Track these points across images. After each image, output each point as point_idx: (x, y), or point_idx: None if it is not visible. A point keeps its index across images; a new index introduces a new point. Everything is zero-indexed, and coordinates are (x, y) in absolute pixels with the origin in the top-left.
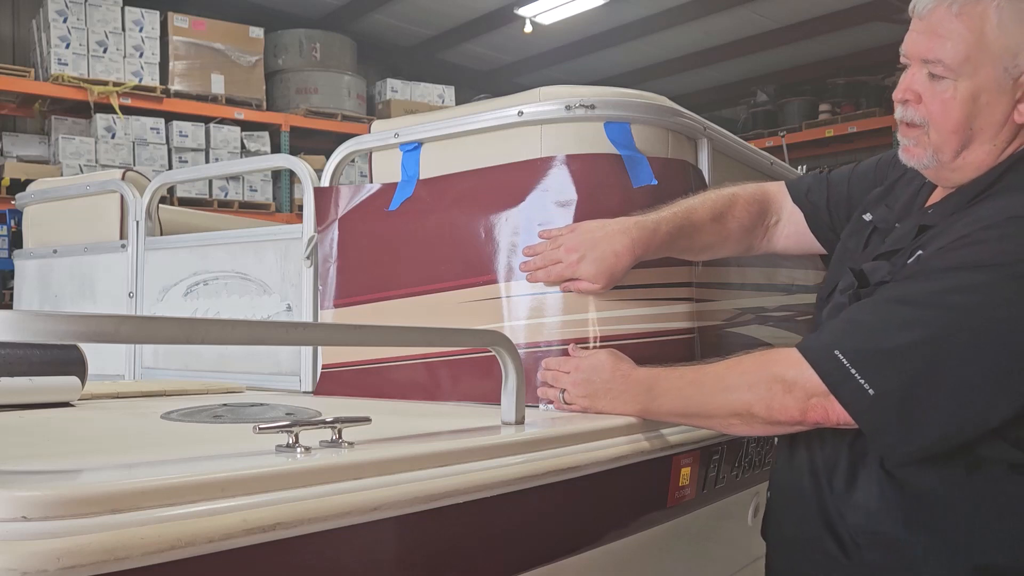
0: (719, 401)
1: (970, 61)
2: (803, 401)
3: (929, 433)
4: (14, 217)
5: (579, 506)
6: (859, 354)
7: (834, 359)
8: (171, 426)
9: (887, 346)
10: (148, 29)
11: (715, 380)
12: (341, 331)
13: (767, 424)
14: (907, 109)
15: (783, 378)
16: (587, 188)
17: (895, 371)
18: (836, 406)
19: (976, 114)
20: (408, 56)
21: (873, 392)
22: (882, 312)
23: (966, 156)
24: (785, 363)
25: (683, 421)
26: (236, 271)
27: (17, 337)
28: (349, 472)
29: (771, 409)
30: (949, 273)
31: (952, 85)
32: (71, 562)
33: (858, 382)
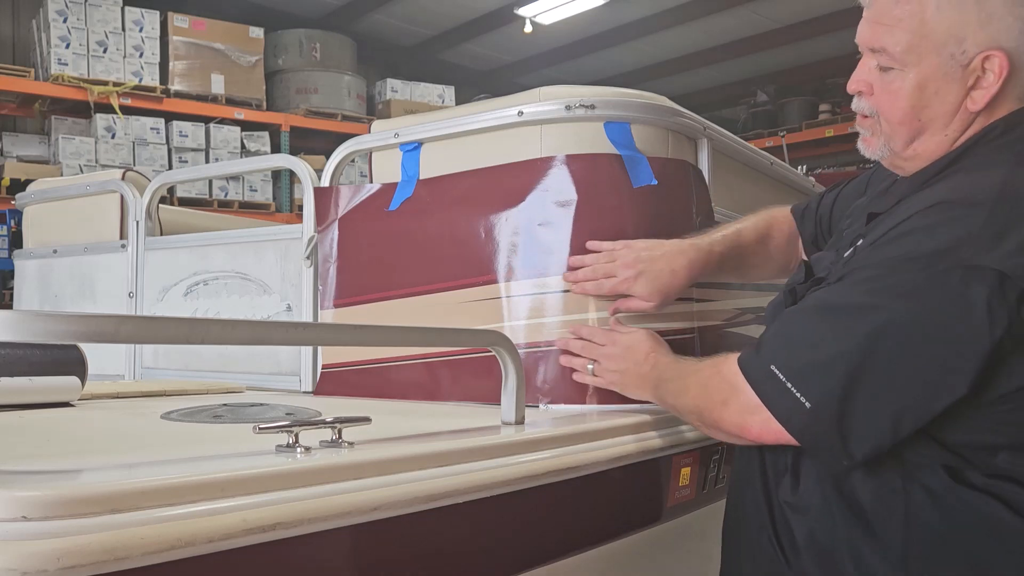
0: (684, 402)
1: (913, 50)
2: (739, 417)
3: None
4: (14, 217)
5: (579, 506)
6: (794, 368)
7: (771, 375)
8: (171, 426)
9: (819, 358)
10: (148, 29)
11: (682, 380)
12: (341, 331)
13: (717, 431)
14: (860, 100)
15: (721, 390)
16: (587, 188)
17: (830, 382)
18: (773, 424)
19: (925, 104)
20: (408, 56)
21: (810, 406)
22: (813, 321)
23: (917, 146)
24: (726, 375)
25: (674, 413)
26: (236, 271)
27: (17, 337)
28: (349, 472)
29: (714, 420)
30: (870, 273)
31: (900, 75)
32: (71, 562)
33: (795, 396)
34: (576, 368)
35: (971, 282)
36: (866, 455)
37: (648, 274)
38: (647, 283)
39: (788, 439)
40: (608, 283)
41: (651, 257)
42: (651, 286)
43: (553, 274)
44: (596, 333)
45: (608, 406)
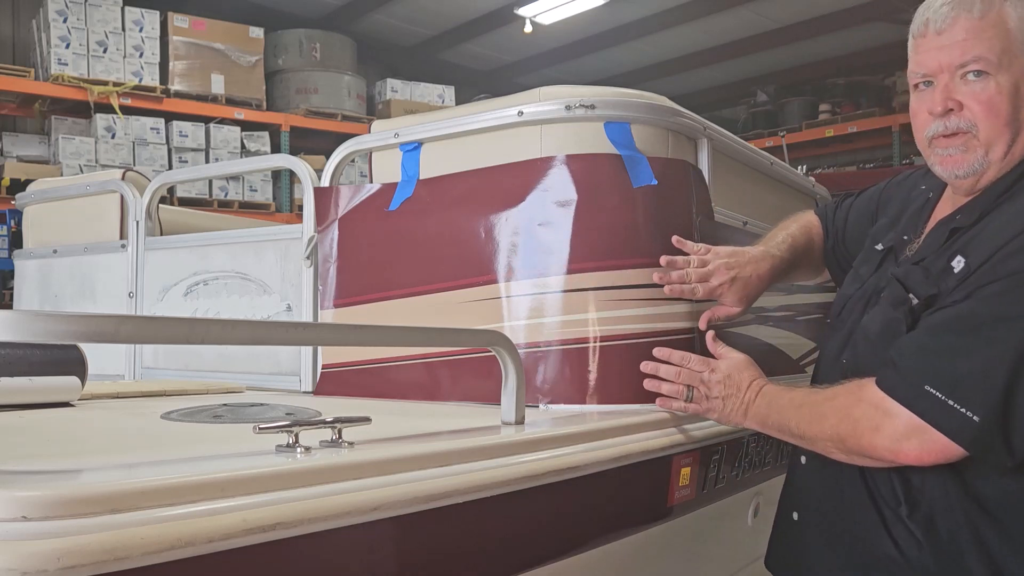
0: (816, 429)
1: (1007, 52)
2: (894, 443)
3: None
4: (14, 217)
5: (579, 506)
6: (951, 384)
7: (927, 395)
8: (171, 426)
9: (974, 369)
10: (148, 29)
11: (814, 408)
12: (341, 331)
13: (865, 458)
14: (950, 119)
15: (869, 419)
16: (587, 188)
17: (990, 391)
18: (937, 443)
19: (1020, 104)
20: (408, 56)
21: (978, 419)
22: (955, 337)
23: (1014, 151)
24: (873, 400)
25: (794, 441)
26: (236, 271)
27: (17, 337)
28: (349, 472)
29: (862, 448)
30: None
31: (993, 82)
32: (71, 562)
33: (960, 412)
34: (666, 395)
35: None
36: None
37: (740, 280)
38: (739, 289)
39: (952, 455)
40: (703, 287)
41: (739, 263)
42: (741, 292)
43: (553, 274)
44: (691, 359)
45: (608, 406)
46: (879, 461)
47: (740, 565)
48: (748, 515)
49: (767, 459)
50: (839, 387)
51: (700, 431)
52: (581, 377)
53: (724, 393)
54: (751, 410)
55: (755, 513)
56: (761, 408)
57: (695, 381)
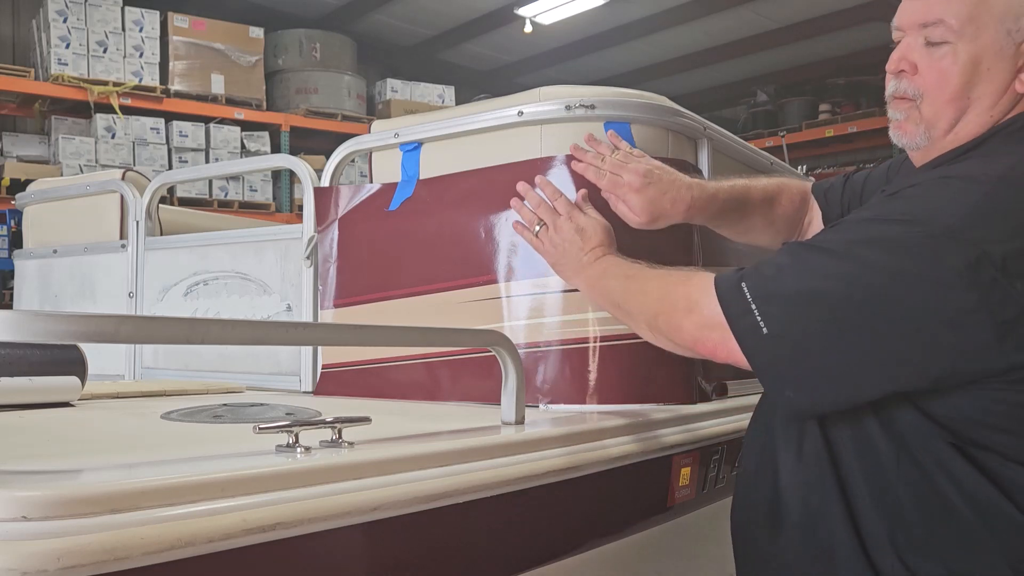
0: (638, 302)
1: (973, 21)
2: (698, 330)
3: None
4: (14, 217)
5: (579, 506)
6: (762, 291)
7: (739, 291)
8: (171, 426)
9: (790, 289)
10: (148, 29)
11: (643, 281)
12: (341, 331)
13: (667, 339)
14: (901, 81)
15: (688, 299)
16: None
17: (793, 316)
18: (730, 342)
19: (976, 81)
20: (408, 56)
21: (767, 331)
22: (796, 256)
23: (959, 129)
24: (696, 286)
25: (612, 311)
26: (236, 271)
27: (17, 337)
28: (349, 472)
29: (671, 326)
30: (865, 224)
31: (951, 50)
32: (71, 562)
33: (755, 318)
34: (523, 222)
35: (947, 253)
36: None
37: (652, 191)
38: (645, 200)
39: (740, 360)
40: (608, 180)
41: (660, 178)
42: (648, 204)
43: (553, 274)
44: (561, 200)
45: (608, 406)
46: (680, 346)
47: None
48: None
49: None
50: (675, 269)
51: (700, 431)
52: (581, 377)
53: (568, 241)
54: (584, 271)
55: None
56: (595, 271)
57: (549, 219)
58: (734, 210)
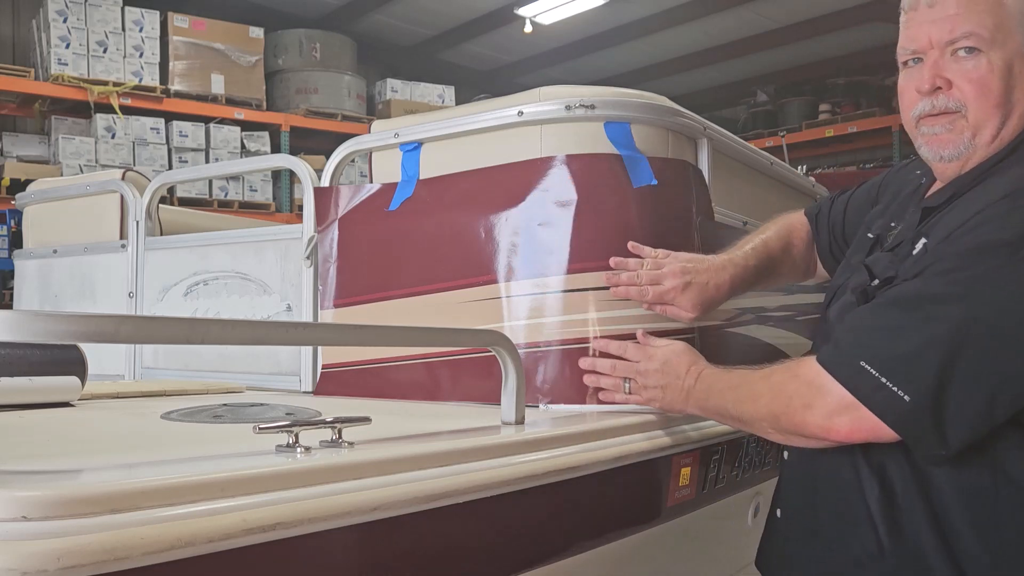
0: (751, 409)
1: (1001, 28)
2: (825, 419)
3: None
4: (14, 217)
5: (579, 506)
6: (886, 362)
7: (861, 371)
8: (171, 426)
9: (909, 349)
10: (148, 29)
11: (749, 387)
12: (341, 331)
13: (798, 437)
14: (938, 97)
15: (804, 394)
16: (587, 188)
17: (925, 372)
18: (867, 420)
19: (1013, 85)
20: (408, 56)
21: (909, 399)
22: (897, 313)
23: (1004, 134)
24: (806, 377)
25: (732, 424)
26: (236, 271)
27: (17, 337)
28: (349, 472)
29: (795, 425)
30: (955, 263)
31: (985, 59)
32: (71, 562)
33: (891, 390)
34: (606, 387)
35: None
36: (963, 441)
37: (695, 286)
38: (693, 295)
39: (882, 435)
40: (654, 290)
41: (696, 269)
42: (697, 298)
43: (553, 274)
44: (628, 348)
45: (608, 406)
46: (812, 439)
47: (740, 565)
48: (748, 515)
49: (767, 459)
50: (776, 365)
51: (700, 431)
52: (581, 377)
53: (663, 382)
54: (692, 396)
55: (755, 513)
56: (701, 392)
57: (632, 372)
58: (765, 269)
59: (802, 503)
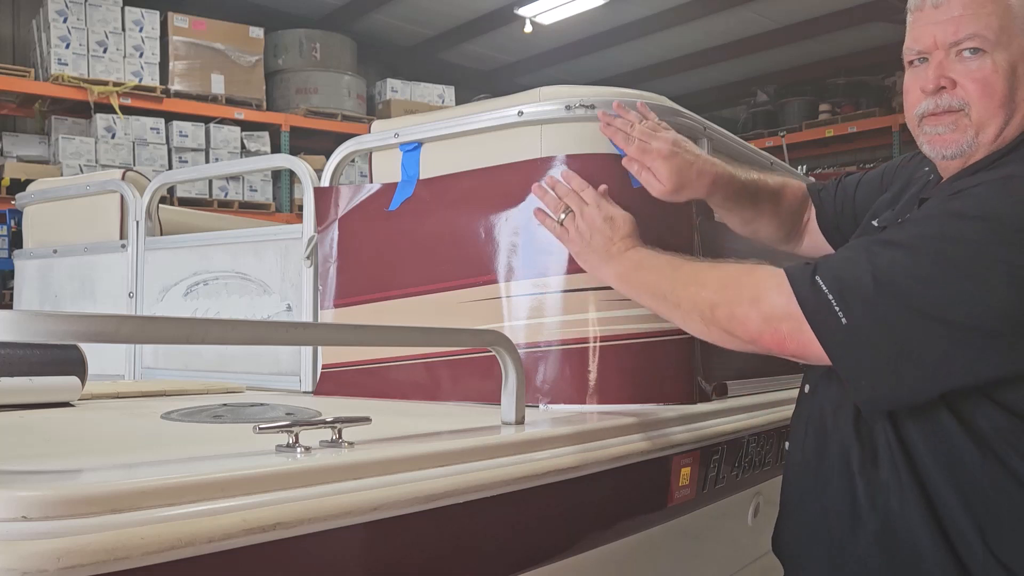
0: (690, 293)
1: (1005, 30)
2: (765, 321)
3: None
4: (14, 217)
5: (579, 506)
6: (839, 284)
7: (814, 284)
8: (171, 426)
9: (867, 282)
10: (148, 29)
11: (692, 271)
12: (341, 331)
13: (723, 332)
14: (942, 96)
15: (755, 289)
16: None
17: (872, 308)
18: (803, 334)
19: (1017, 85)
20: (408, 56)
21: (846, 322)
22: (870, 251)
23: (1007, 132)
24: (765, 279)
25: (652, 303)
26: (236, 271)
27: (17, 337)
28: (349, 472)
29: (732, 317)
30: (935, 220)
31: (989, 60)
32: (71, 562)
33: (833, 309)
34: (546, 210)
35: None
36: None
37: (679, 159)
38: (673, 166)
39: (811, 353)
40: (639, 145)
41: (687, 148)
42: (675, 171)
43: (553, 274)
44: (588, 190)
45: (608, 406)
46: (739, 338)
47: (740, 565)
48: (748, 515)
49: (767, 459)
50: (731, 261)
51: (700, 431)
52: (581, 377)
53: (597, 230)
54: (613, 260)
55: (755, 513)
56: (627, 261)
57: (576, 206)
58: (748, 196)
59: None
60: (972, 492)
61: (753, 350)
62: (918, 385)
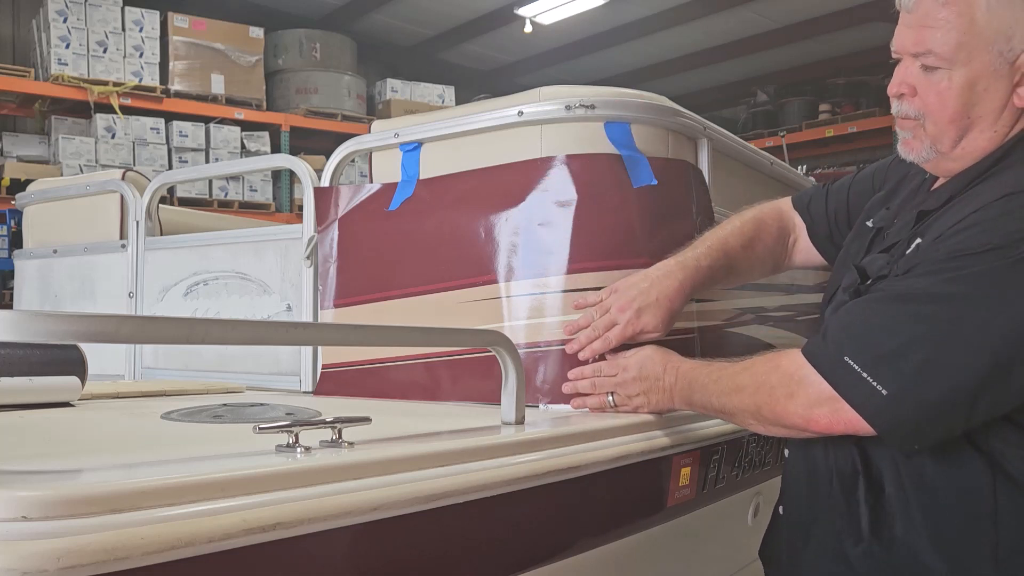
0: (735, 401)
1: (963, 48)
2: (806, 410)
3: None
4: (14, 217)
5: (579, 506)
6: (867, 356)
7: (843, 365)
8: (171, 426)
9: (893, 345)
10: (148, 29)
11: (729, 379)
12: (341, 331)
13: (779, 427)
14: (902, 103)
15: (786, 384)
16: (587, 188)
17: (905, 369)
18: (845, 413)
19: (974, 102)
20: (408, 56)
21: (886, 392)
22: (884, 310)
23: (965, 145)
24: (791, 372)
25: (718, 416)
26: (236, 271)
27: (17, 337)
28: (349, 472)
29: (777, 415)
30: (946, 263)
31: (947, 75)
32: (71, 562)
33: (871, 385)
34: (594, 407)
35: None
36: (937, 439)
37: (648, 308)
38: (650, 316)
39: (859, 428)
40: (614, 334)
41: (642, 291)
42: (655, 317)
43: (553, 274)
44: (602, 366)
45: None
46: (792, 429)
47: (740, 565)
48: (748, 515)
49: (767, 459)
50: (757, 357)
51: (700, 431)
52: None
53: (644, 388)
54: (675, 392)
55: (755, 513)
56: (684, 388)
57: (611, 386)
58: (722, 268)
59: (801, 499)
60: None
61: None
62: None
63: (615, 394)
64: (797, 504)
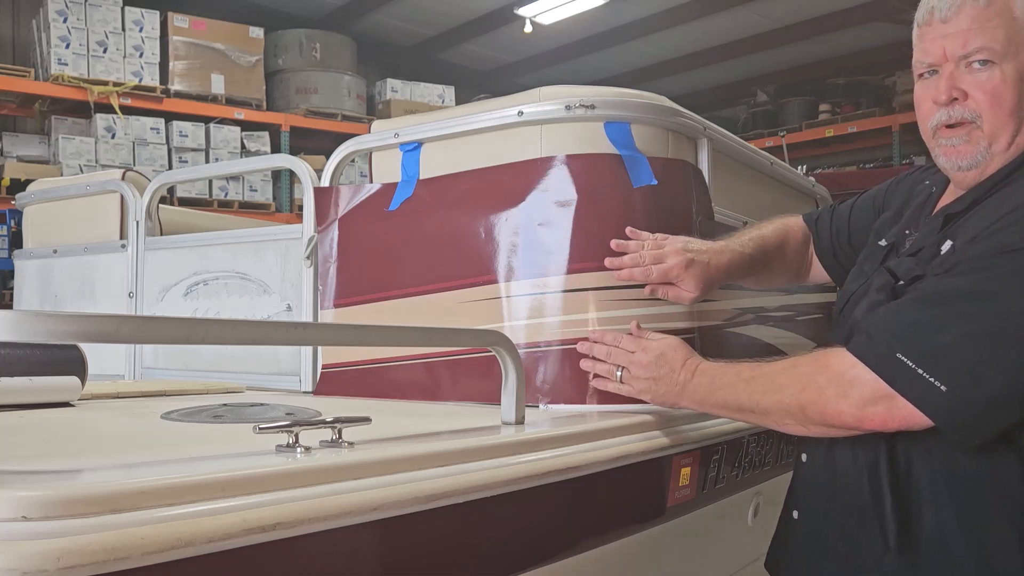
0: (771, 400)
1: (1012, 41)
2: (860, 409)
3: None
4: (14, 217)
5: (579, 506)
6: (921, 354)
7: (897, 362)
8: (171, 426)
9: (946, 341)
10: (148, 29)
11: (766, 379)
12: (341, 331)
13: (823, 427)
14: (954, 108)
15: (839, 386)
16: (587, 188)
17: (959, 365)
18: (902, 409)
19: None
20: (408, 56)
21: (945, 388)
22: (931, 309)
23: (1019, 139)
24: (842, 371)
25: (738, 417)
26: (236, 271)
27: (17, 337)
28: (349, 472)
29: (825, 415)
30: (988, 260)
31: (999, 71)
32: (71, 562)
33: (928, 381)
34: (601, 374)
35: None
36: (993, 432)
37: (697, 264)
38: (696, 273)
39: (915, 423)
40: (658, 268)
41: (697, 249)
42: (699, 276)
43: (553, 274)
44: (624, 339)
45: (608, 406)
46: (839, 429)
47: (740, 565)
48: (748, 515)
49: (767, 459)
50: (798, 357)
51: (700, 431)
52: (581, 377)
53: (656, 374)
54: (687, 390)
55: (755, 513)
56: (700, 386)
57: (625, 361)
58: (760, 260)
59: (820, 504)
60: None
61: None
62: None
63: (625, 370)
64: (816, 509)
